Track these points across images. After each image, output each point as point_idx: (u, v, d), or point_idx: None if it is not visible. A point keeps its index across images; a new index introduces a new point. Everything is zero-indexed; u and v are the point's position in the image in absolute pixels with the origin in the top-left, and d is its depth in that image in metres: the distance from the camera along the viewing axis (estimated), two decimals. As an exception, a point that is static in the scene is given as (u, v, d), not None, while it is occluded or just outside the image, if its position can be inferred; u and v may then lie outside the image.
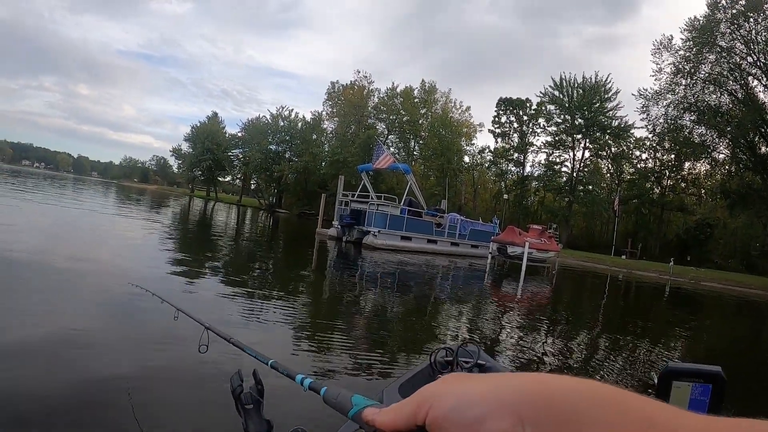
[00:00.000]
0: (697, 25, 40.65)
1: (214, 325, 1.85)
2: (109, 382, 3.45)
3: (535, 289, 15.51)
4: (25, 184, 33.61)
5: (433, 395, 0.39)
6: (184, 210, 37.62)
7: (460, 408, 0.36)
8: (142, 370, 3.76)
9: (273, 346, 4.98)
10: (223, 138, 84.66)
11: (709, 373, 0.95)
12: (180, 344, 4.21)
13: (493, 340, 6.84)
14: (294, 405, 3.19)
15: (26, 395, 3.08)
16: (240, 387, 1.19)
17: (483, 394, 0.36)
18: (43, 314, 4.76)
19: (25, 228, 11.23)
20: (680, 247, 47.69)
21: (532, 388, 0.35)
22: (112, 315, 5.25)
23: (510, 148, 60.66)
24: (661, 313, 14.48)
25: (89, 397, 3.22)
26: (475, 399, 0.36)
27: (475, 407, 0.36)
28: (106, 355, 3.95)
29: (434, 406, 0.38)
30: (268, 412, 1.16)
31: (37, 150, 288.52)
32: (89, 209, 20.97)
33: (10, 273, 6.36)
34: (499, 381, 0.37)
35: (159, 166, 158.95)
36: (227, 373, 1.26)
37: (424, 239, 25.40)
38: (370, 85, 65.51)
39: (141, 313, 5.13)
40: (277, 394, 2.47)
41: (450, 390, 0.38)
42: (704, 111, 42.52)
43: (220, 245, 15.61)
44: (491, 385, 0.37)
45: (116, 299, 5.81)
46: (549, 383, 0.35)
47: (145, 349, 4.23)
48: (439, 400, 0.38)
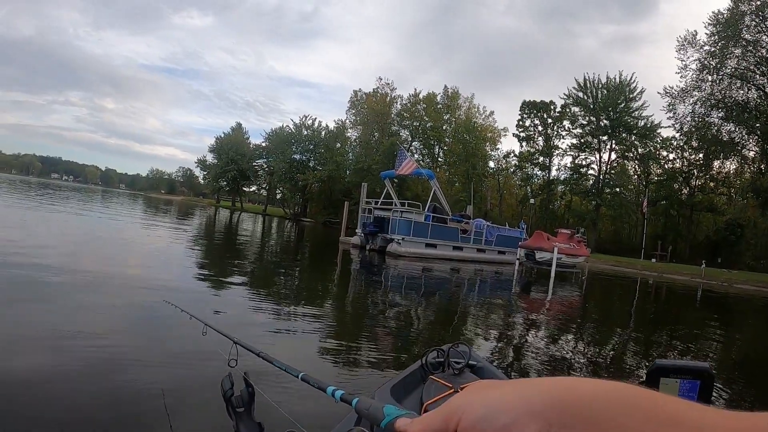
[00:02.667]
0: (721, 19, 40.01)
1: (242, 339, 1.83)
2: (144, 393, 3.46)
3: (567, 296, 15.20)
4: (57, 196, 34.24)
5: (462, 405, 0.40)
6: (210, 220, 37.95)
7: (489, 417, 0.37)
8: (174, 382, 3.78)
9: (300, 358, 4.90)
10: (247, 148, 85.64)
11: (697, 370, 0.96)
12: (209, 358, 4.16)
13: (533, 354, 6.66)
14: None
15: (65, 405, 3.14)
16: (231, 390, 1.23)
17: (510, 402, 0.37)
18: (78, 327, 4.76)
19: (61, 240, 11.38)
20: (710, 249, 46.67)
21: (559, 392, 0.35)
22: (144, 329, 5.23)
23: (535, 151, 60.11)
24: (699, 318, 14.07)
25: (125, 407, 3.27)
26: (502, 407, 0.37)
27: (503, 415, 0.36)
28: (140, 369, 3.92)
29: (463, 417, 0.39)
30: (258, 415, 1.17)
31: (66, 163, 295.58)
32: (121, 220, 21.35)
33: (40, 284, 6.40)
34: (525, 387, 0.38)
35: (185, 178, 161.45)
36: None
37: (449, 246, 25.06)
38: (392, 92, 65.77)
39: (172, 328, 5.11)
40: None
41: (477, 399, 0.39)
42: (732, 107, 41.76)
43: (245, 256, 15.65)
44: (517, 392, 0.37)
45: (148, 313, 5.80)
46: (575, 387, 0.36)
47: (175, 362, 4.20)
48: (468, 410, 0.39)
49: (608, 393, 0.34)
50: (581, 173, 56.59)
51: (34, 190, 45.03)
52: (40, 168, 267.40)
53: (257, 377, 1.20)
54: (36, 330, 4.63)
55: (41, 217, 17.39)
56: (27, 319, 4.91)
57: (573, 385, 0.36)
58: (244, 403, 1.22)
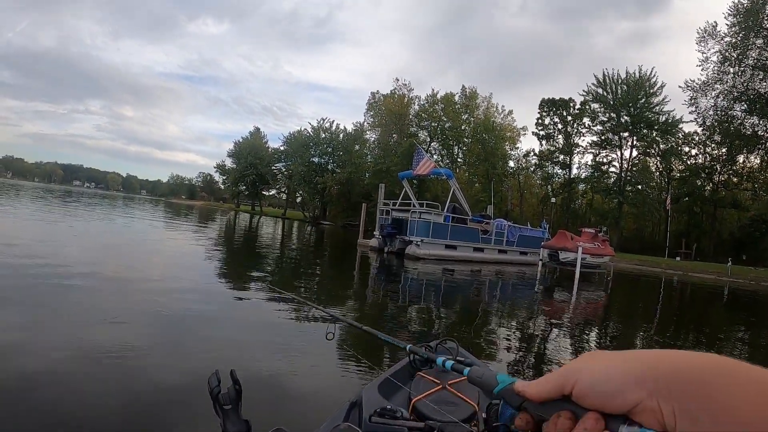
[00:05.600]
0: (741, 9, 39.32)
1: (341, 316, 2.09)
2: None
3: (593, 298, 14.91)
4: (85, 204, 34.67)
5: (578, 370, 0.44)
6: (230, 225, 38.16)
7: (602, 382, 0.42)
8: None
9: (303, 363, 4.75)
10: (265, 152, 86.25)
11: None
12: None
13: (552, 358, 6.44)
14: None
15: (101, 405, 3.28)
16: (218, 388, 1.23)
17: (620, 370, 0.41)
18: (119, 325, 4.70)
19: (93, 245, 11.42)
20: (734, 246, 45.79)
21: (663, 362, 0.39)
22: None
23: (555, 150, 59.53)
24: (734, 319, 13.69)
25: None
26: (613, 374, 0.41)
27: (613, 382, 0.41)
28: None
29: (579, 380, 0.43)
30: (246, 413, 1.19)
31: (87, 170, 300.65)
32: (149, 225, 21.57)
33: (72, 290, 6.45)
34: (634, 357, 0.42)
35: (205, 183, 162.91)
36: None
37: (470, 247, 24.68)
38: (410, 93, 65.54)
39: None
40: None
41: (592, 366, 0.44)
42: (755, 99, 40.99)
43: (263, 262, 15.57)
44: (627, 362, 0.42)
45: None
46: (677, 358, 0.39)
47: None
48: (584, 374, 0.43)
49: (705, 362, 0.38)
50: (602, 171, 55.77)
51: (67, 198, 45.66)
52: (62, 176, 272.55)
53: (244, 376, 1.25)
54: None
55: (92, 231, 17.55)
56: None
57: (673, 356, 0.39)
58: (231, 400, 1.23)
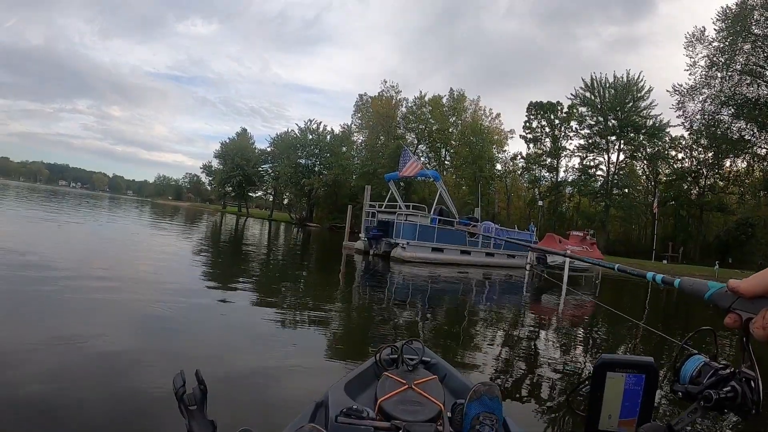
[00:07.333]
0: (729, 14, 39.59)
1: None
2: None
3: (581, 301, 14.65)
4: (68, 203, 34.02)
5: None
6: (217, 226, 37.64)
7: None
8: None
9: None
10: (252, 154, 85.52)
11: (642, 364, 1.00)
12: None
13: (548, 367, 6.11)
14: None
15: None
16: (183, 388, 1.19)
17: None
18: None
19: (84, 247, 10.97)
20: (721, 249, 45.99)
21: None
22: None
23: (542, 153, 59.71)
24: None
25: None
26: None
27: None
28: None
29: None
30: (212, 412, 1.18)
31: (74, 170, 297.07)
32: (137, 226, 21.05)
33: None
34: None
35: (192, 184, 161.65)
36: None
37: (456, 250, 24.41)
38: (397, 95, 65.42)
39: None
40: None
41: None
42: (742, 104, 41.24)
43: (247, 265, 15.18)
44: None
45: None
46: None
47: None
48: None
49: None
50: (590, 174, 56.05)
51: (49, 198, 44.82)
52: (47, 175, 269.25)
53: (209, 376, 1.21)
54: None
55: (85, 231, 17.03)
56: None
57: None
58: (197, 400, 1.19)
